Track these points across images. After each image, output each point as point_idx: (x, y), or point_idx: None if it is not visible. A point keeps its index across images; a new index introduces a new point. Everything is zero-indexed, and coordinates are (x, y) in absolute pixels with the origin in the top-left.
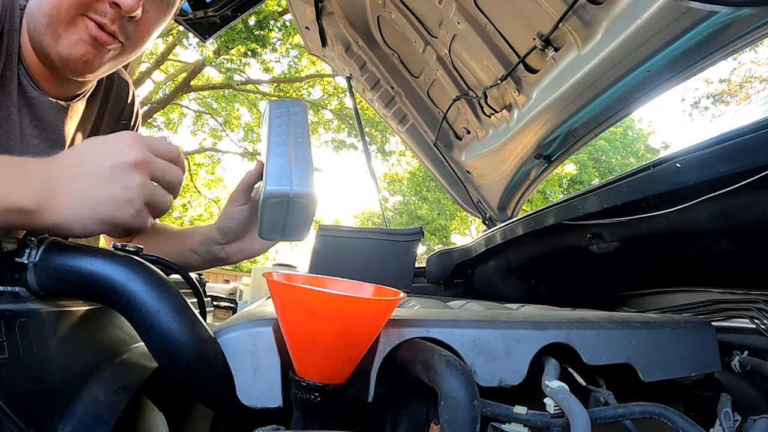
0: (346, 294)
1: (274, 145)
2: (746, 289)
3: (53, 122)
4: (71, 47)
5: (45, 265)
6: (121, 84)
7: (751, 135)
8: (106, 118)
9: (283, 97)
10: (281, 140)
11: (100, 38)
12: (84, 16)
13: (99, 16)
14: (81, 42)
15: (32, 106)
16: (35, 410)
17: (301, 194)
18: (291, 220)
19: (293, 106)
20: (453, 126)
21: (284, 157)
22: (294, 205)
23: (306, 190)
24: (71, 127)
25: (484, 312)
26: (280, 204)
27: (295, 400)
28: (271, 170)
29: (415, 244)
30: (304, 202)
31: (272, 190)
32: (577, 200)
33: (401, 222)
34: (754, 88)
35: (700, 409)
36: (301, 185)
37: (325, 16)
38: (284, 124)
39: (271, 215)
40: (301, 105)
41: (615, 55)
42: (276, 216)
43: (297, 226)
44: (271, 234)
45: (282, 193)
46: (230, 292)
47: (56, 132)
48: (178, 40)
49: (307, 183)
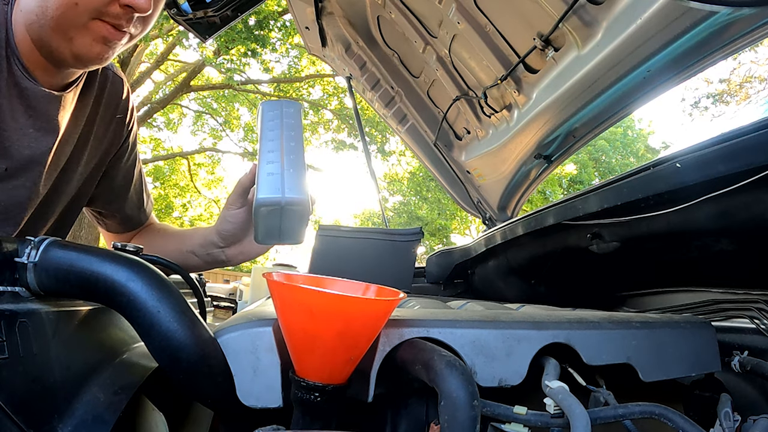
0: (346, 294)
1: (266, 151)
2: (746, 289)
3: (47, 112)
4: (87, 48)
5: (45, 265)
6: (116, 80)
7: (751, 135)
8: (101, 113)
9: (283, 97)
10: (273, 145)
11: (114, 38)
12: (96, 19)
13: (113, 19)
14: (95, 43)
15: (26, 97)
16: (35, 410)
17: (293, 201)
18: (286, 225)
19: (286, 107)
20: (453, 126)
21: (276, 164)
22: (287, 212)
23: (297, 197)
24: (64, 117)
25: (484, 312)
26: (273, 211)
27: (295, 400)
28: (263, 178)
29: (415, 244)
30: (297, 208)
31: (264, 199)
32: (577, 200)
33: (401, 222)
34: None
35: (700, 409)
36: (292, 192)
37: (325, 16)
38: (276, 128)
39: (266, 222)
40: (294, 105)
41: (615, 55)
42: (270, 222)
43: (292, 230)
44: (268, 239)
45: (274, 201)
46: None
47: (50, 121)
48: (178, 40)
49: (298, 190)
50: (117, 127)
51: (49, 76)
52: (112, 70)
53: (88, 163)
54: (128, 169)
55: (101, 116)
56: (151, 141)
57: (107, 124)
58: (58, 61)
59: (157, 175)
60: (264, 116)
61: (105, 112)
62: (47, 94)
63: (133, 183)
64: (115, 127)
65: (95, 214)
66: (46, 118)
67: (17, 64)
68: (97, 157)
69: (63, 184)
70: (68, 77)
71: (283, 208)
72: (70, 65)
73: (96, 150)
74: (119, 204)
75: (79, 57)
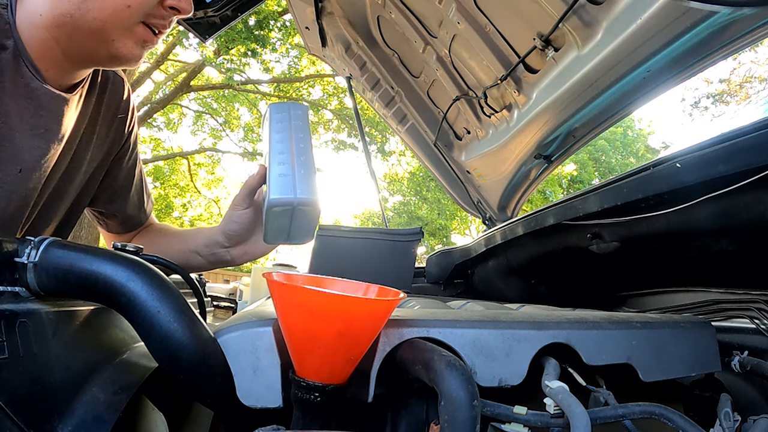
0: (346, 294)
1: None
2: (746, 289)
3: (55, 113)
4: (128, 50)
5: (45, 265)
6: (117, 80)
7: (751, 135)
8: (103, 113)
9: (283, 97)
10: (283, 147)
11: (153, 42)
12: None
13: (159, 20)
14: (136, 45)
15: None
16: (35, 410)
17: (305, 202)
18: (296, 225)
19: (294, 109)
20: (453, 126)
21: (287, 165)
22: (298, 212)
23: (310, 197)
24: (70, 118)
25: (484, 312)
26: (285, 211)
27: (295, 400)
28: (275, 178)
29: (415, 244)
30: (309, 209)
31: (277, 199)
32: (577, 200)
33: (401, 222)
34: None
35: (700, 409)
36: (304, 193)
37: (325, 16)
38: (285, 130)
39: (276, 222)
40: (301, 108)
41: (615, 55)
42: (281, 222)
43: (301, 230)
44: (277, 239)
45: (287, 201)
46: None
47: (58, 122)
48: (178, 40)
49: (310, 190)
50: (118, 127)
51: (60, 76)
52: (113, 71)
53: (91, 163)
54: (129, 169)
55: (103, 117)
56: (151, 141)
57: (109, 124)
58: (85, 61)
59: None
60: (272, 118)
61: (107, 113)
62: (56, 95)
63: (134, 183)
64: (117, 128)
65: (96, 215)
66: (55, 119)
67: (27, 64)
68: (99, 158)
69: (66, 185)
70: (77, 77)
71: (295, 208)
72: (101, 65)
73: (98, 150)
74: (120, 204)
75: (117, 58)
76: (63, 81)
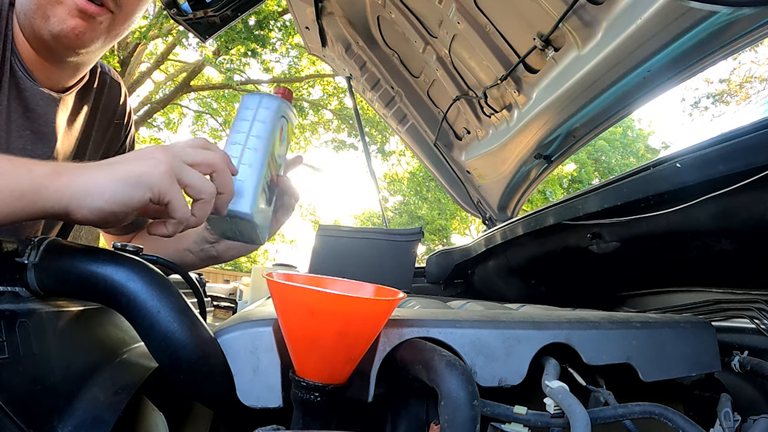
0: (346, 294)
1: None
2: (746, 289)
3: (44, 114)
4: (61, 23)
5: (45, 265)
6: (113, 85)
7: (751, 135)
8: (99, 117)
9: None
10: (235, 150)
11: (88, 10)
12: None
13: None
14: (69, 16)
15: (24, 98)
16: (35, 410)
17: (233, 213)
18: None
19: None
20: (453, 126)
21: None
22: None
23: (240, 210)
24: (62, 120)
25: (484, 312)
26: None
27: (295, 400)
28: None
29: (415, 244)
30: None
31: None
32: (577, 200)
33: (401, 222)
34: (754, 88)
35: (700, 409)
36: (235, 205)
37: (325, 16)
38: (244, 129)
39: (218, 227)
40: (274, 102)
41: (615, 55)
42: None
43: (250, 236)
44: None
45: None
46: (230, 292)
47: (47, 124)
48: (178, 40)
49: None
50: (115, 131)
51: (48, 76)
52: (109, 75)
53: None
54: None
55: (99, 121)
56: (151, 141)
57: (105, 129)
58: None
59: None
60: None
61: (103, 117)
62: (46, 96)
63: None
64: (113, 132)
65: None
66: (45, 120)
67: (18, 63)
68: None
69: None
70: (67, 80)
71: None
72: (53, 48)
73: (94, 155)
74: None
75: (57, 35)
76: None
